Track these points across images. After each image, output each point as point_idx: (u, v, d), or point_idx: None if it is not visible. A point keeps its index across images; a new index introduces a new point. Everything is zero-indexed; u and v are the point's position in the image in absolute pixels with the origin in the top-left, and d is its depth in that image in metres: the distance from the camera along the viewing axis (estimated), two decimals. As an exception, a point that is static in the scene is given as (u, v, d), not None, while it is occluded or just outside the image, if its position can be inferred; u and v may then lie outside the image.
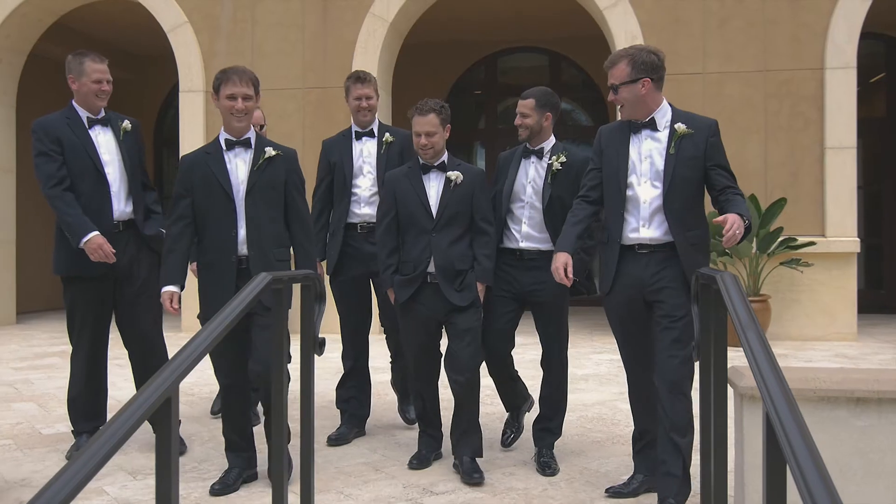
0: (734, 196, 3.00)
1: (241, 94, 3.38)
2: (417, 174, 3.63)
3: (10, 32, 8.81)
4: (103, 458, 1.64)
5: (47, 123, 3.84)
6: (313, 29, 8.22)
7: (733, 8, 7.66)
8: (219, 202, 3.38)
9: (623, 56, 3.06)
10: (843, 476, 2.15)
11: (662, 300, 3.03)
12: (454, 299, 3.52)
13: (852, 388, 2.14)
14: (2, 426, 4.33)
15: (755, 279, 7.25)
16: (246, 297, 2.52)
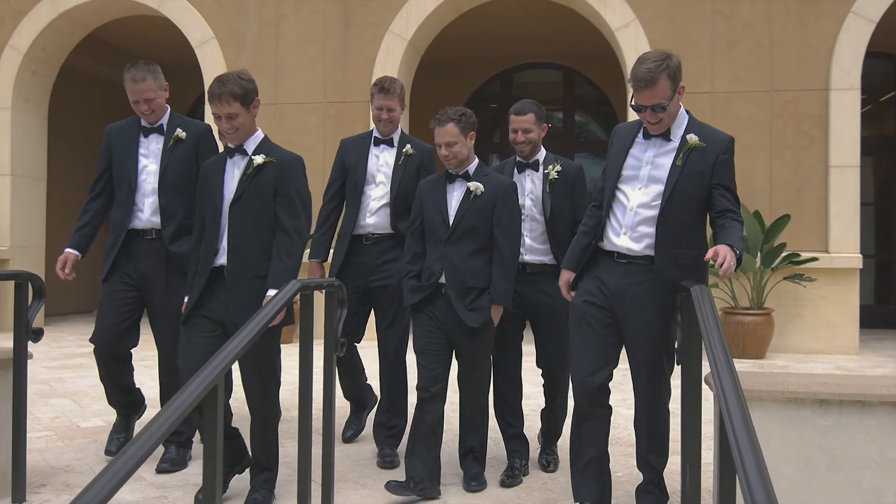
0: (730, 223, 2.84)
1: (224, 114, 3.18)
2: (443, 183, 3.54)
3: (45, 45, 9.17)
4: (158, 439, 1.91)
5: (109, 130, 3.91)
6: (334, 45, 8.53)
7: (741, 30, 7.90)
8: (210, 210, 3.28)
9: (661, 70, 2.78)
10: (808, 469, 2.40)
11: (635, 316, 2.92)
12: (465, 317, 3.38)
13: (816, 391, 2.39)
14: (41, 419, 4.63)
15: (759, 293, 7.46)
16: (278, 302, 2.78)
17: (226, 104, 3.15)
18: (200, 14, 8.71)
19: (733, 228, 2.82)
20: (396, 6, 8.39)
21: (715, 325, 2.00)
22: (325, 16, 8.53)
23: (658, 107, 2.81)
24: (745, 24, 7.91)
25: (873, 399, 2.37)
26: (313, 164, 8.20)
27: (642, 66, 2.80)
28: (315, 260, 4.14)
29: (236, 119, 3.19)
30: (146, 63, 3.82)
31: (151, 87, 3.75)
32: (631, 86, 2.87)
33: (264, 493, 3.23)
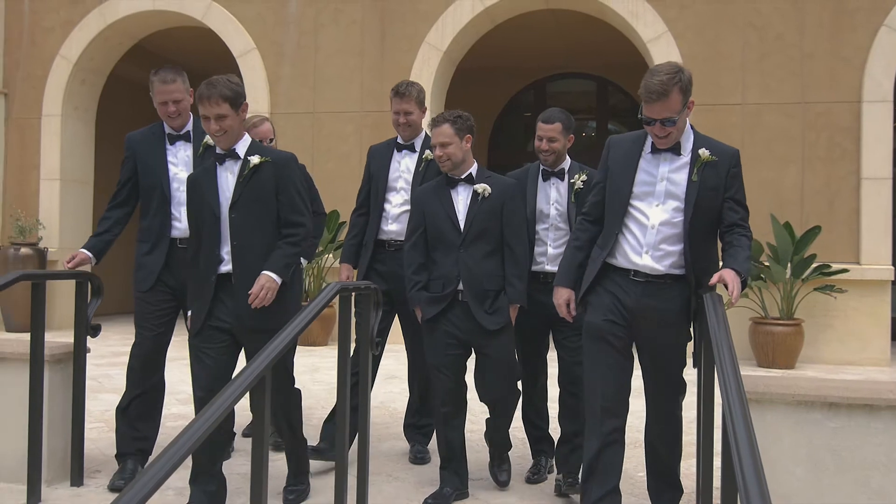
0: (738, 240, 2.87)
1: (212, 115, 3.15)
2: (445, 188, 3.50)
3: (94, 55, 9.53)
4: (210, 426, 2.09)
5: (131, 138, 3.87)
6: (372, 56, 8.75)
7: (773, 42, 7.97)
8: (207, 220, 3.24)
9: (673, 83, 2.75)
10: (817, 469, 2.53)
11: (653, 337, 2.90)
12: (484, 322, 3.37)
13: (826, 395, 2.51)
14: (93, 412, 4.87)
15: (789, 303, 7.51)
16: (317, 304, 2.96)
17: (215, 105, 3.13)
18: (242, 25, 8.99)
19: (740, 248, 2.83)
20: (432, 18, 8.59)
21: (724, 332, 2.14)
22: (363, 27, 8.77)
23: (668, 121, 2.77)
24: (777, 35, 7.98)
25: (880, 403, 2.49)
26: (351, 171, 8.43)
27: (654, 77, 2.75)
28: (346, 263, 4.15)
29: (225, 120, 3.16)
30: (173, 66, 3.81)
31: (180, 89, 3.73)
32: (641, 97, 2.82)
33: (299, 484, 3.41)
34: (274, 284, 3.18)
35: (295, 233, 3.27)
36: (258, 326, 3.15)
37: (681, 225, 2.87)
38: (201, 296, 3.25)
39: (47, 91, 9.46)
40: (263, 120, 4.48)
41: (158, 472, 1.79)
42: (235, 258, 3.21)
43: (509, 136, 12.58)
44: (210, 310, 3.23)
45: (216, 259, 3.23)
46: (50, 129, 9.44)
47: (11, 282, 3.25)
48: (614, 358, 2.92)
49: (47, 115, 9.45)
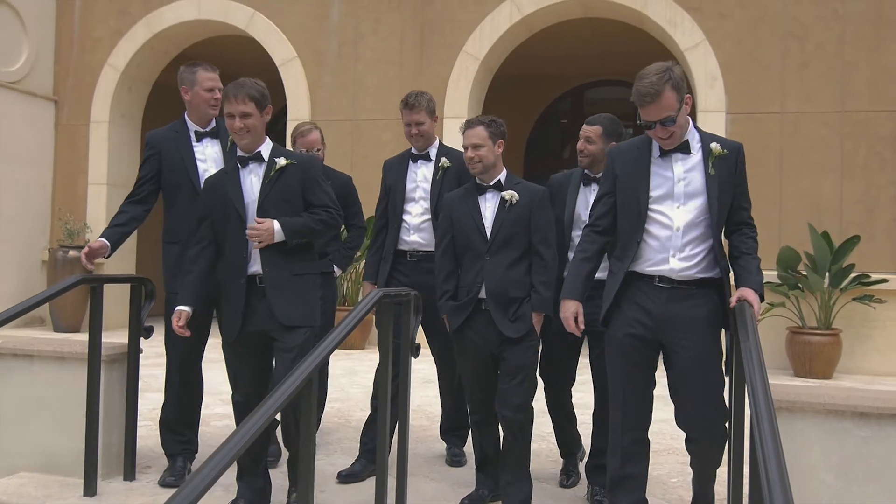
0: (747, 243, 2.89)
1: (237, 112, 3.20)
2: (473, 195, 3.47)
3: (140, 64, 9.80)
4: (264, 423, 2.22)
5: (154, 136, 3.87)
6: (410, 65, 8.89)
7: (813, 52, 7.95)
8: (233, 223, 3.26)
9: (664, 82, 2.71)
10: (847, 477, 2.58)
11: (687, 345, 2.80)
12: (506, 330, 3.31)
13: (856, 404, 2.56)
14: (141, 410, 5.03)
15: (827, 313, 7.47)
16: (360, 311, 3.06)
17: (241, 103, 3.20)
18: (285, 35, 9.19)
19: (750, 258, 2.85)
20: (470, 27, 8.70)
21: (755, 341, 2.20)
22: (402, 37, 8.91)
23: (668, 120, 2.73)
24: (817, 44, 7.95)
25: (911, 413, 2.54)
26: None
27: (644, 80, 2.72)
28: (368, 281, 4.11)
29: (249, 119, 3.21)
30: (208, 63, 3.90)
31: (219, 80, 3.82)
32: (635, 103, 2.77)
33: None
34: (270, 236, 3.19)
35: (320, 212, 3.30)
36: (288, 323, 3.23)
37: (705, 224, 2.82)
38: (233, 300, 3.27)
39: (95, 98, 9.75)
40: (312, 129, 4.50)
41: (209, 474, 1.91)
42: (265, 258, 3.24)
43: (546, 143, 12.65)
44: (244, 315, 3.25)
45: (244, 262, 3.26)
46: (98, 136, 9.73)
47: (71, 285, 3.42)
48: (635, 373, 2.88)
49: (95, 121, 9.75)
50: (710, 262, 2.85)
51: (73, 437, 3.61)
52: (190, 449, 3.86)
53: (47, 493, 3.50)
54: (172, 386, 3.88)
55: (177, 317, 3.29)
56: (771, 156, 7.96)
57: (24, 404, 3.73)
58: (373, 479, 3.37)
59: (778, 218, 7.87)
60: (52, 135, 9.92)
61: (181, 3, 9.45)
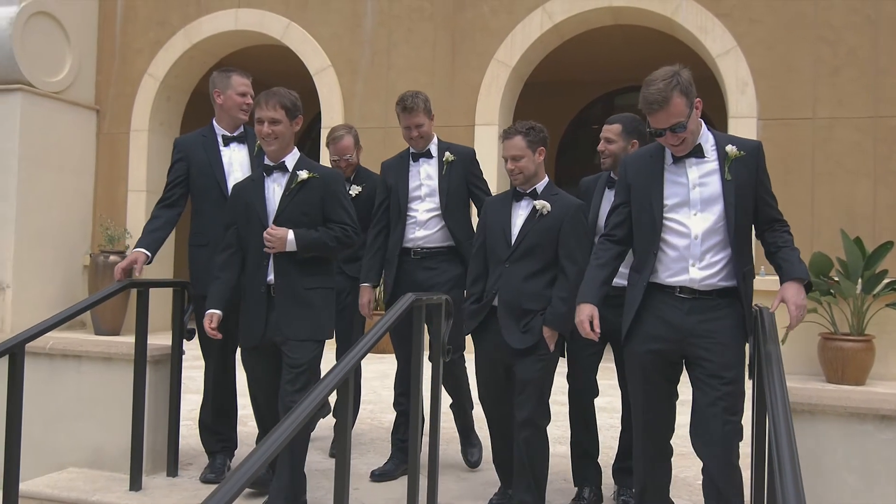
0: (783, 237, 2.78)
1: (267, 118, 3.24)
2: (509, 200, 3.42)
3: (179, 73, 10.05)
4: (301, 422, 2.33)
5: (181, 140, 3.94)
6: (442, 73, 9.01)
7: (846, 57, 7.92)
8: (255, 230, 3.29)
9: (671, 87, 2.65)
10: (869, 478, 2.63)
11: (709, 358, 2.70)
12: (511, 340, 3.24)
13: (878, 407, 2.61)
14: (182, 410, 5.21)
15: (859, 319, 7.43)
16: (393, 315, 3.15)
17: (272, 109, 3.23)
18: (319, 44, 9.37)
19: (789, 250, 2.73)
20: (501, 35, 8.80)
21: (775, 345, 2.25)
22: (434, 46, 9.04)
23: (678, 126, 2.65)
24: (849, 50, 7.92)
25: (932, 417, 2.59)
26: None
27: (651, 87, 2.66)
28: (366, 284, 4.04)
29: (278, 125, 3.24)
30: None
31: (252, 87, 3.90)
32: (643, 110, 2.73)
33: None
34: (282, 245, 3.21)
35: (336, 229, 3.30)
36: (295, 337, 3.24)
37: (723, 231, 2.72)
38: (253, 307, 3.30)
39: (136, 107, 10.02)
40: (344, 135, 4.51)
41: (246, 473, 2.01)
42: (277, 269, 3.27)
43: (577, 149, 12.70)
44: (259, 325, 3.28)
45: (264, 270, 3.29)
46: (137, 144, 9.99)
47: (119, 290, 3.59)
48: (654, 388, 2.83)
49: (135, 130, 10.01)
50: (731, 270, 2.76)
51: (120, 435, 3.77)
52: (229, 447, 4.00)
53: (95, 487, 3.66)
54: (209, 386, 3.99)
55: (208, 320, 3.33)
56: (803, 162, 7.95)
57: (73, 403, 3.91)
58: (405, 477, 3.48)
59: (810, 224, 7.85)
60: (94, 143, 10.20)
61: (219, 14, 9.68)
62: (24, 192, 9.15)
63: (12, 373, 3.10)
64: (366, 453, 4.41)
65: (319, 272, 3.35)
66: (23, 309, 9.07)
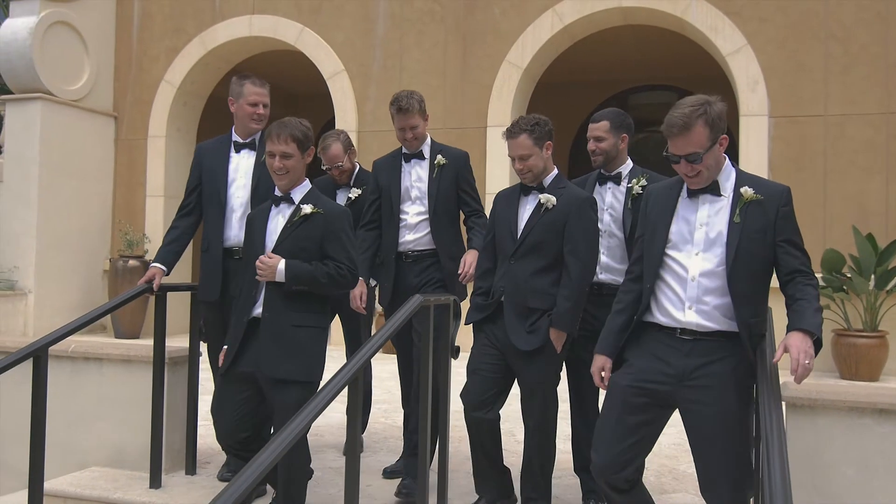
0: (801, 291, 2.52)
1: (279, 152, 3.17)
2: (517, 195, 3.33)
3: (195, 79, 10.19)
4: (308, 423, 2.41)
5: (199, 147, 3.96)
6: (454, 76, 9.09)
7: (857, 54, 7.93)
8: (253, 260, 3.21)
9: (697, 115, 2.52)
10: (868, 471, 2.68)
11: (708, 401, 2.51)
12: (517, 341, 3.15)
13: (876, 401, 2.66)
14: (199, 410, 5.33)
15: (872, 315, 7.44)
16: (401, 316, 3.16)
17: (283, 143, 3.16)
18: (332, 49, 9.48)
19: (806, 301, 2.48)
20: (512, 37, 8.87)
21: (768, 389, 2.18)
22: (445, 49, 9.12)
23: (693, 156, 2.52)
24: (861, 46, 7.93)
25: (930, 410, 2.64)
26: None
27: (677, 111, 2.56)
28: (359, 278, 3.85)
29: (290, 160, 3.17)
30: (256, 76, 3.87)
31: (268, 94, 3.84)
32: (664, 133, 2.61)
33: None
34: (272, 274, 3.11)
35: (330, 264, 3.16)
36: (278, 376, 3.08)
37: (724, 274, 2.56)
38: (234, 336, 3.22)
39: (153, 114, 10.18)
40: (332, 143, 4.43)
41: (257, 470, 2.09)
42: (267, 301, 3.16)
43: (590, 148, 12.73)
44: (238, 353, 3.18)
45: (252, 301, 3.20)
46: (155, 149, 10.15)
47: (140, 293, 3.70)
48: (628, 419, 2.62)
49: (153, 136, 10.17)
50: (730, 315, 2.57)
51: (140, 435, 3.88)
52: None
53: (116, 485, 3.77)
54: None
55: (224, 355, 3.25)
56: (815, 159, 7.96)
57: (95, 404, 4.02)
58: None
59: (822, 221, 7.86)
60: (112, 149, 10.37)
61: (233, 21, 9.82)
62: (45, 198, 9.32)
63: (36, 375, 3.22)
64: (378, 451, 4.50)
65: (310, 310, 3.19)
66: (44, 314, 9.25)
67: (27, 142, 9.29)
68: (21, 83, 9.34)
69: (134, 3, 10.34)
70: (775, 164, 8.04)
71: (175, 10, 10.15)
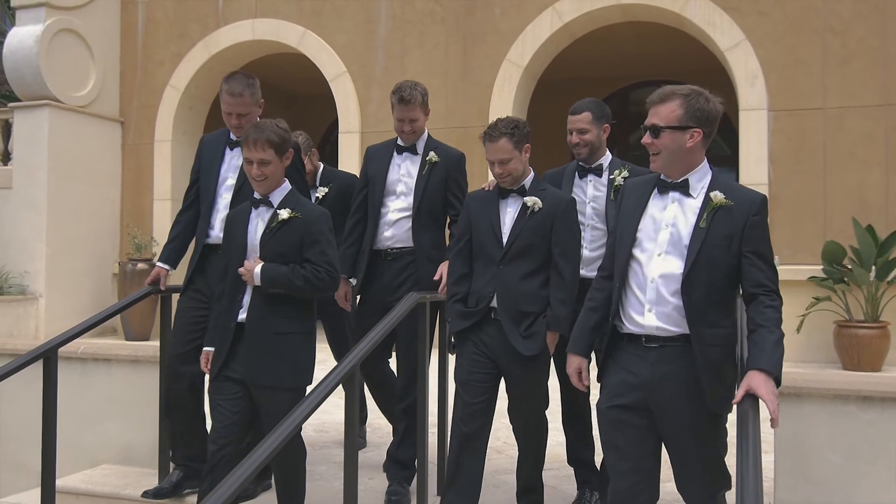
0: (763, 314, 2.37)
1: (256, 159, 3.11)
2: (495, 198, 3.25)
3: (200, 84, 10.31)
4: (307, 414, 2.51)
5: (203, 139, 3.92)
6: (455, 76, 9.17)
7: (855, 47, 7.97)
8: (234, 263, 3.19)
9: (676, 94, 2.47)
10: (853, 456, 2.76)
11: (676, 411, 2.44)
12: (518, 346, 3.10)
13: (859, 389, 2.74)
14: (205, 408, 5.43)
15: (874, 306, 7.48)
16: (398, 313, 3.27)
17: (261, 150, 3.10)
18: (334, 51, 9.57)
19: (766, 331, 2.34)
20: (512, 37, 8.94)
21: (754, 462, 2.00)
22: (446, 49, 9.20)
23: (654, 129, 2.46)
24: (858, 39, 7.97)
25: (912, 397, 2.71)
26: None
27: (667, 88, 2.52)
28: (342, 276, 3.82)
29: (268, 166, 3.12)
30: (245, 76, 3.69)
31: (246, 103, 3.62)
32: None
33: None
34: (249, 275, 3.10)
35: (308, 267, 3.13)
36: (265, 382, 3.09)
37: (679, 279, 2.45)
38: (220, 342, 3.19)
39: (159, 118, 10.29)
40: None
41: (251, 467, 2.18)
42: (252, 308, 3.13)
43: (593, 145, 12.78)
44: (225, 359, 3.16)
45: (237, 305, 3.17)
46: (161, 154, 10.27)
47: (144, 296, 3.80)
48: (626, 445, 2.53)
49: (159, 140, 10.28)
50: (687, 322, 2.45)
51: (148, 433, 3.99)
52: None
53: (126, 482, 3.88)
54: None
55: (205, 358, 3.26)
56: (815, 152, 8.01)
57: (104, 404, 4.13)
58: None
59: (823, 213, 7.91)
60: (120, 154, 10.49)
61: (237, 25, 9.93)
62: (55, 204, 9.45)
63: (47, 375, 3.32)
64: (381, 446, 4.58)
65: (295, 315, 3.16)
66: (55, 317, 9.37)
67: (35, 148, 9.41)
68: (28, 90, 9.47)
69: (138, 9, 10.46)
70: (775, 157, 8.09)
71: (179, 15, 10.26)
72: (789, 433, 2.83)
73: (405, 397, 3.73)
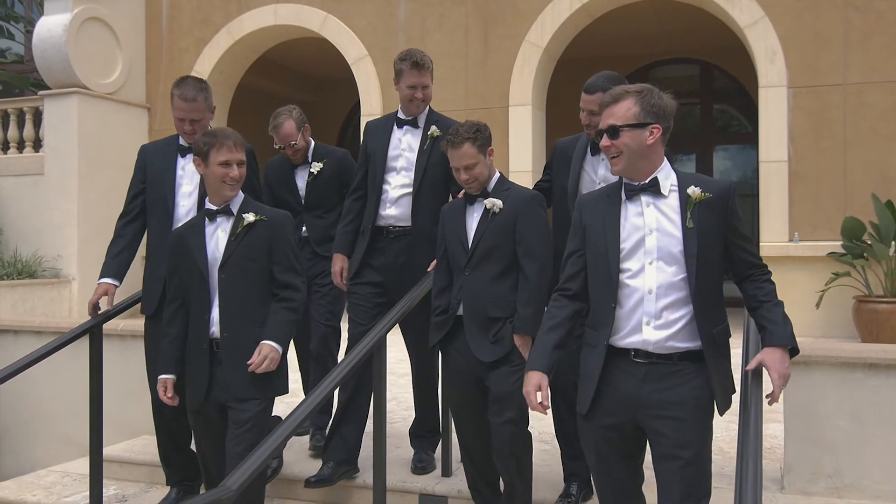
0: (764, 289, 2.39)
1: (236, 160, 3.06)
2: (462, 205, 3.17)
3: (224, 69, 10.47)
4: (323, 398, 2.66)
5: (143, 149, 3.76)
6: (475, 57, 9.26)
7: (875, 22, 7.95)
8: (196, 281, 3.08)
9: (629, 93, 2.38)
10: (860, 421, 2.87)
11: (665, 432, 2.32)
12: (479, 353, 2.99)
13: (866, 356, 2.85)
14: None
15: (893, 281, 7.53)
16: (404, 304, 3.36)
17: (240, 151, 3.10)
18: (356, 34, 9.69)
19: (772, 305, 2.36)
20: (531, 17, 9.01)
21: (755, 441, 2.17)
22: (467, 31, 9.29)
23: (612, 129, 2.37)
24: (878, 14, 7.95)
25: (917, 363, 2.82)
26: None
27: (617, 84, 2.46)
28: (339, 253, 3.78)
29: (244, 167, 3.11)
30: (197, 81, 3.58)
31: (200, 108, 3.53)
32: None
33: None
34: (276, 354, 3.04)
35: (292, 297, 3.12)
36: (246, 396, 3.02)
37: (685, 286, 2.34)
38: (196, 364, 3.09)
39: (184, 104, 10.46)
40: (284, 121, 4.08)
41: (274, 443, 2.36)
42: (224, 322, 3.04)
43: (613, 124, 12.81)
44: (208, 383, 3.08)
45: (205, 324, 3.07)
46: (188, 139, 10.44)
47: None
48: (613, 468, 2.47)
49: (185, 125, 10.45)
50: (692, 331, 2.36)
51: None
52: None
53: (166, 452, 4.07)
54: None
55: (162, 386, 3.15)
56: (835, 128, 8.03)
57: (143, 378, 4.30)
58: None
59: (843, 189, 7.94)
60: (147, 140, 10.68)
61: (259, 11, 10.06)
62: (85, 189, 9.68)
63: (93, 349, 3.48)
64: (408, 419, 4.74)
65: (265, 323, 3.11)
66: (88, 299, 9.58)
67: (65, 135, 9.64)
68: (57, 78, 9.68)
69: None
70: (795, 134, 8.11)
71: (202, 1, 10.42)
72: (799, 400, 2.95)
73: (420, 377, 3.79)
